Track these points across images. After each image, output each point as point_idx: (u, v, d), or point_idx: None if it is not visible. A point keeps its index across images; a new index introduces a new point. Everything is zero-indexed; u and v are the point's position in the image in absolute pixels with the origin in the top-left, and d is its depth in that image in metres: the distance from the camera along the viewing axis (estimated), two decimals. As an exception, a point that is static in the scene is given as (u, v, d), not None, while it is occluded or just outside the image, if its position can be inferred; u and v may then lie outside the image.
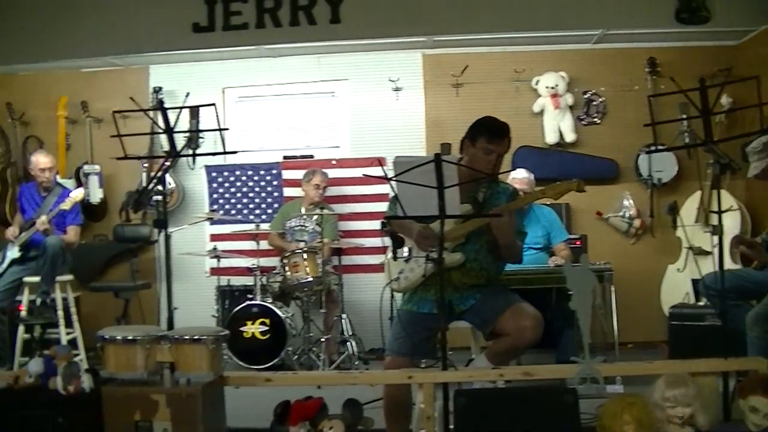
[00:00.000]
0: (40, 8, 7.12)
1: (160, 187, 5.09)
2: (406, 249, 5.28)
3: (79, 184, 9.69)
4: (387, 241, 5.44)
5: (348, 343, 8.51)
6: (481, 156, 5.12)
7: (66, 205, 8.40)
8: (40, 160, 8.79)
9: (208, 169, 9.86)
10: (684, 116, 8.23)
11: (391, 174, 4.57)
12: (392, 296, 6.20)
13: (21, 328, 8.48)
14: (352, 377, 5.10)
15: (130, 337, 4.53)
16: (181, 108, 5.00)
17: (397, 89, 9.69)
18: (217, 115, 5.15)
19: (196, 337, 4.48)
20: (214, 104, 5.06)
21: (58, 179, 9.13)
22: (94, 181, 9.74)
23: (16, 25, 7.10)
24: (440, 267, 4.63)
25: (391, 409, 5.25)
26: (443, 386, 4.68)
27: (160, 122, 5.12)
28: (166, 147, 7.96)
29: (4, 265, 8.67)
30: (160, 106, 4.94)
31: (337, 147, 9.92)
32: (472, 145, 5.20)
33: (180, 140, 5.10)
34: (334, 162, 9.63)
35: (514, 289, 5.47)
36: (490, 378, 4.92)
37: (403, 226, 5.21)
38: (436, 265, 4.67)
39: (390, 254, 5.30)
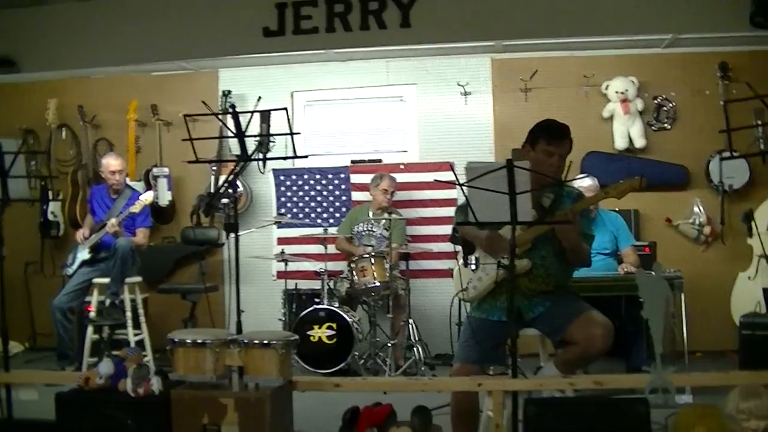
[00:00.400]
0: (112, 14, 7.20)
1: (230, 191, 5.11)
2: (474, 256, 5.23)
3: (149, 186, 9.77)
4: (456, 246, 5.41)
5: (414, 349, 8.47)
6: (543, 159, 5.03)
7: (135, 208, 8.48)
8: (111, 162, 8.88)
9: (276, 172, 9.88)
10: (759, 122, 8.08)
11: (462, 179, 4.53)
12: (460, 303, 6.16)
13: (90, 329, 8.57)
14: (421, 384, 5.06)
15: (199, 341, 4.53)
16: (253, 112, 5.02)
17: (465, 93, 9.62)
18: (288, 120, 5.15)
19: (265, 342, 4.47)
20: (285, 109, 5.06)
21: (128, 182, 9.21)
22: (163, 183, 9.82)
23: (89, 30, 7.19)
24: (512, 274, 4.58)
25: (459, 416, 5.21)
26: (513, 394, 4.63)
27: (231, 125, 5.13)
28: (235, 150, 8.01)
29: (75, 266, 8.78)
30: (232, 110, 4.94)
31: (405, 151, 9.89)
32: (532, 149, 5.13)
33: (251, 144, 5.09)
34: (402, 166, 9.61)
35: (583, 297, 5.40)
36: (561, 387, 4.85)
37: (471, 233, 5.18)
38: (508, 271, 4.62)
39: (461, 261, 5.25)
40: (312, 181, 9.89)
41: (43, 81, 10.16)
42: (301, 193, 9.93)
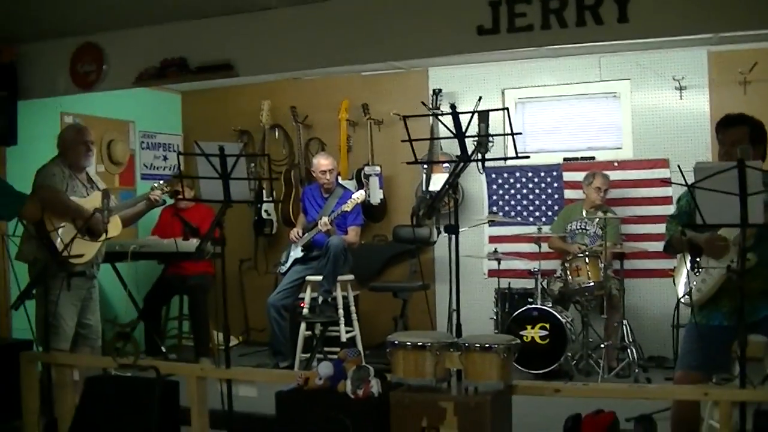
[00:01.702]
0: (325, 17, 7.28)
1: (451, 192, 5.08)
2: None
3: (360, 185, 9.88)
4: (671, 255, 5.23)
5: (628, 350, 8.26)
6: (726, 151, 4.89)
7: (347, 207, 8.60)
8: (322, 162, 9.03)
9: (488, 171, 9.82)
10: None
11: (680, 177, 4.36)
12: (677, 306, 5.98)
13: (302, 326, 8.75)
14: (644, 391, 4.91)
15: (419, 343, 4.51)
16: (473, 112, 4.95)
17: (680, 88, 9.29)
18: (509, 119, 5.08)
19: (486, 346, 4.41)
20: (506, 109, 5.00)
21: (340, 181, 9.34)
22: (374, 182, 9.91)
23: (302, 34, 7.29)
24: (741, 277, 4.38)
25: (680, 424, 5.03)
26: (740, 405, 4.43)
27: (446, 125, 5.09)
28: (447, 149, 7.99)
29: (288, 264, 8.97)
30: (452, 110, 4.89)
31: (619, 148, 9.64)
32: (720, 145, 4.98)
33: (469, 144, 5.03)
34: (615, 164, 9.40)
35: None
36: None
37: (692, 236, 4.98)
38: (736, 275, 4.42)
39: (687, 264, 5.06)
40: (524, 179, 9.80)
41: (257, 83, 10.42)
42: (513, 191, 9.86)
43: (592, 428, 4.43)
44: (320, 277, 8.62)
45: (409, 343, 4.55)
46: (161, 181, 7.38)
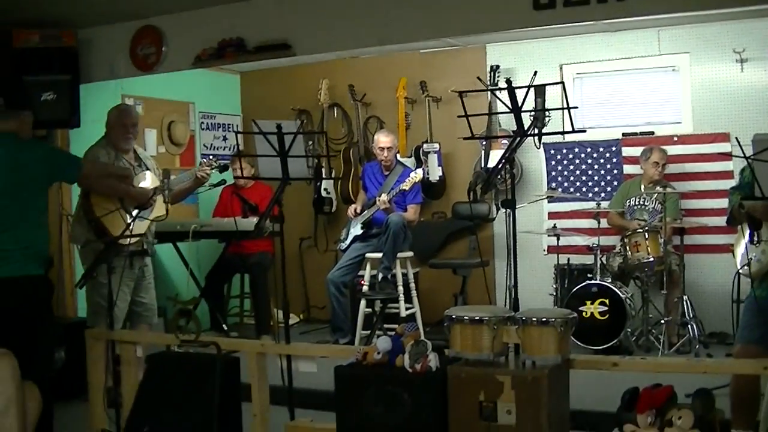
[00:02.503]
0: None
1: (508, 167, 5.08)
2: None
3: (419, 162, 9.90)
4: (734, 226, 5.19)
5: (689, 326, 8.20)
6: None
7: (406, 185, 8.62)
8: (381, 139, 9.07)
9: (547, 147, 9.79)
10: None
11: (743, 151, 4.33)
12: (738, 280, 5.92)
13: (362, 303, 8.80)
14: (703, 366, 4.87)
15: (477, 318, 4.51)
16: (529, 87, 4.95)
17: (741, 61, 9.13)
18: (565, 94, 5.06)
19: (544, 319, 4.42)
20: (562, 83, 4.98)
21: (399, 158, 9.36)
22: (433, 159, 9.92)
23: (359, 12, 7.29)
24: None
25: (739, 399, 5.02)
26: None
27: (505, 101, 5.08)
28: (505, 126, 7.97)
29: (347, 241, 9.02)
30: (507, 85, 4.89)
31: (679, 123, 9.53)
32: None
33: (525, 119, 5.03)
34: (675, 138, 9.32)
35: None
36: None
37: (753, 206, 4.93)
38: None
39: (746, 237, 5.02)
40: (583, 155, 9.76)
41: (315, 63, 10.48)
42: (571, 167, 9.82)
43: (650, 401, 4.41)
44: (380, 255, 8.66)
45: (466, 318, 4.55)
46: (210, 157, 7.46)
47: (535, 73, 5.28)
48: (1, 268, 5.53)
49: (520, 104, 4.90)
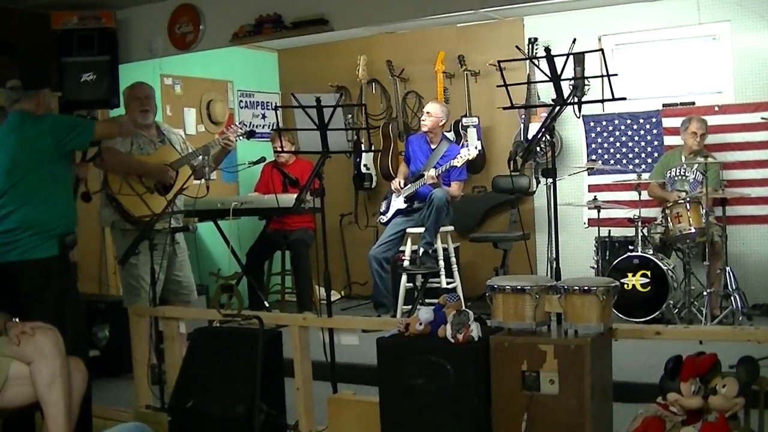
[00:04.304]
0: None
1: (548, 135, 5.06)
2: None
3: (459, 136, 9.88)
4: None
5: (731, 298, 8.12)
6: None
7: (457, 162, 8.55)
8: (427, 106, 9.05)
9: (586, 119, 9.75)
10: None
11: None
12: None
13: (404, 277, 8.80)
14: (746, 334, 4.83)
15: (519, 287, 4.51)
16: (568, 55, 4.92)
17: (785, 28, 9.06)
18: (604, 61, 5.03)
19: (586, 288, 4.41)
20: (601, 50, 4.95)
21: (445, 133, 9.34)
22: (472, 133, 9.90)
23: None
24: None
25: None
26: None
27: (544, 70, 5.06)
28: (545, 97, 7.93)
29: (389, 214, 9.01)
30: (546, 53, 4.86)
31: (720, 93, 9.43)
32: None
33: (565, 88, 5.00)
34: (716, 108, 9.22)
35: None
36: None
37: None
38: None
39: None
40: (623, 127, 9.69)
41: (352, 39, 10.48)
42: (612, 139, 9.75)
43: (694, 368, 4.39)
44: (421, 229, 8.63)
45: (508, 287, 4.55)
46: (234, 125, 7.47)
47: (574, 40, 5.25)
48: (10, 252, 5.53)
49: (559, 72, 4.87)
